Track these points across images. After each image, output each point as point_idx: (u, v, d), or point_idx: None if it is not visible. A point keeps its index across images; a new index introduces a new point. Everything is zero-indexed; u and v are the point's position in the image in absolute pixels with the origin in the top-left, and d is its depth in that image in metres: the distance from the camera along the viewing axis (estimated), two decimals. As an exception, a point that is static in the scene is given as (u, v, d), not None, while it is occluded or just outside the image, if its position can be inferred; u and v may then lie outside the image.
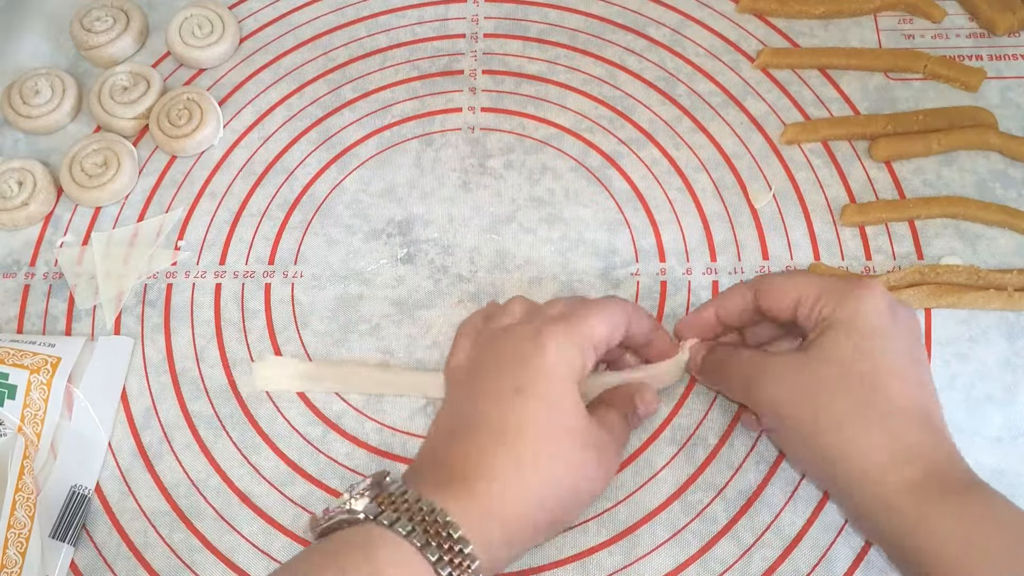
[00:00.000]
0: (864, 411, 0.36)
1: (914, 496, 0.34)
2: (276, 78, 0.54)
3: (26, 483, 0.42)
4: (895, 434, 0.36)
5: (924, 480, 0.35)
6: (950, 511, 0.34)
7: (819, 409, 0.37)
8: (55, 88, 0.53)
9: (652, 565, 0.41)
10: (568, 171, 0.51)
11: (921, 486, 0.35)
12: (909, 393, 0.36)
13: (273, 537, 0.43)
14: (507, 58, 0.54)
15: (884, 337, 0.37)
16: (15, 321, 0.48)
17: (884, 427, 0.36)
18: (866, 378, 0.36)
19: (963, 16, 0.54)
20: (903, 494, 0.35)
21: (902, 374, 0.37)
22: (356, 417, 0.45)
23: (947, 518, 0.34)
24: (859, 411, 0.36)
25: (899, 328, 0.37)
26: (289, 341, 0.47)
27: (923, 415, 0.36)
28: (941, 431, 0.37)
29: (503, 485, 0.35)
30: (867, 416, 0.36)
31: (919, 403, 0.37)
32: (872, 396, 0.36)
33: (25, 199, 0.50)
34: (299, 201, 0.51)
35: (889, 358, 0.37)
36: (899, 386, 0.36)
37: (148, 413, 0.46)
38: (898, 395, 0.36)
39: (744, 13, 0.55)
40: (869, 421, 0.36)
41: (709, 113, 0.52)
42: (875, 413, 0.36)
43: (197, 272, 0.49)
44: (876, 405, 0.36)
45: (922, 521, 0.34)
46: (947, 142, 0.49)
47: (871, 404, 0.36)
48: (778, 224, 0.49)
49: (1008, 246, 0.47)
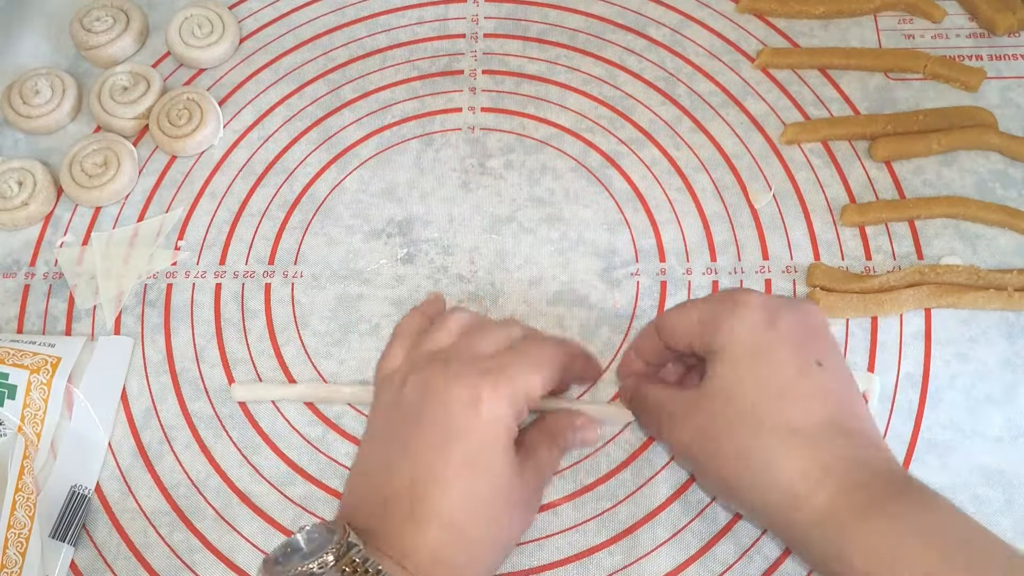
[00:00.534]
0: (761, 441, 0.34)
1: (832, 519, 0.33)
2: (276, 78, 0.54)
3: (26, 483, 0.42)
4: (800, 457, 0.34)
5: (841, 499, 0.33)
6: (874, 527, 0.32)
7: (719, 446, 0.35)
8: (55, 88, 0.53)
9: (652, 565, 0.41)
10: (568, 171, 0.51)
11: (838, 507, 0.33)
12: (805, 408, 0.34)
13: (273, 537, 0.43)
14: (507, 58, 0.54)
15: (765, 355, 0.35)
16: (15, 321, 0.48)
17: (787, 453, 0.34)
18: (756, 406, 0.34)
19: (963, 16, 0.54)
20: (820, 519, 0.33)
21: (792, 391, 0.35)
22: (356, 417, 0.45)
23: (871, 535, 0.32)
24: (756, 442, 0.34)
25: (781, 339, 0.35)
26: (289, 341, 0.47)
27: (828, 427, 0.34)
28: (857, 437, 0.35)
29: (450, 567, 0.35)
30: (766, 445, 0.34)
31: (820, 416, 0.34)
32: (765, 423, 0.34)
33: (25, 199, 0.50)
34: (299, 201, 0.51)
35: (775, 378, 0.35)
36: (791, 405, 0.34)
37: (148, 413, 0.46)
38: (793, 415, 0.34)
39: (744, 13, 0.55)
40: (769, 450, 0.34)
41: (709, 113, 0.52)
42: (773, 440, 0.34)
43: (197, 272, 0.49)
44: (773, 431, 0.34)
45: (845, 544, 0.32)
46: (947, 142, 0.49)
47: (766, 432, 0.34)
48: (778, 224, 0.49)
49: (1008, 246, 0.47)
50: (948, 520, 0.33)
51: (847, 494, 0.33)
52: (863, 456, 0.34)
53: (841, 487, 0.33)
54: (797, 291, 0.47)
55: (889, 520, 0.32)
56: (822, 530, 0.33)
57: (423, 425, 0.36)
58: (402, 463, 0.36)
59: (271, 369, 0.46)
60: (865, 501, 0.33)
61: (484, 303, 0.47)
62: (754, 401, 0.35)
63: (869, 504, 0.32)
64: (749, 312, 0.36)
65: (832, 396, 0.35)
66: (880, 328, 0.45)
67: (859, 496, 0.33)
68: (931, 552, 0.31)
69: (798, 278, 0.47)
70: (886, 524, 0.32)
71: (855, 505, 0.33)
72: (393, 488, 0.36)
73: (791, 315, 0.36)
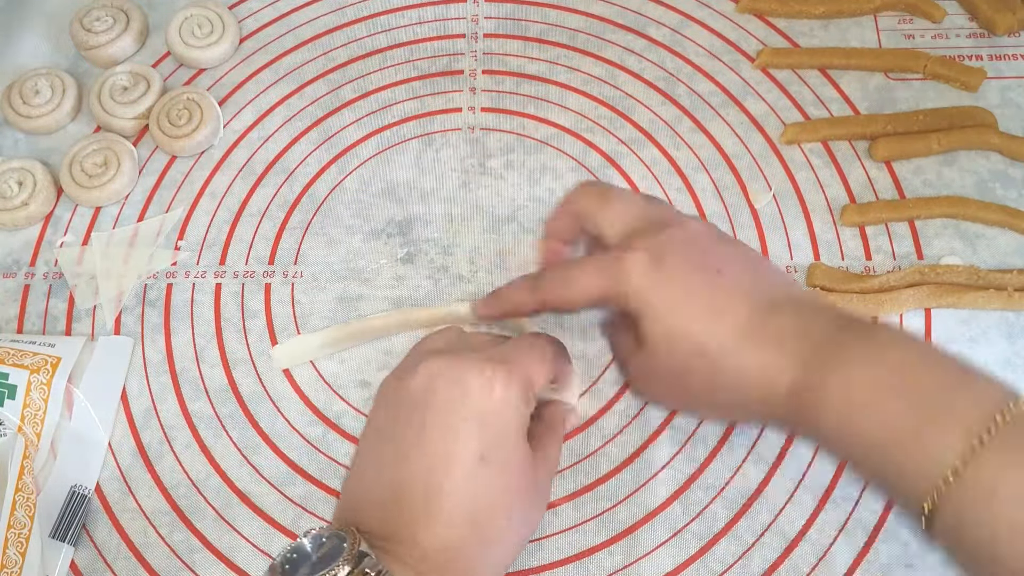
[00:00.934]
0: (717, 366, 0.35)
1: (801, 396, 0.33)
2: (276, 78, 0.54)
3: (26, 483, 0.42)
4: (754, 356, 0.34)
5: (800, 375, 0.33)
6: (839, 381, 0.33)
7: (684, 388, 0.37)
8: (55, 88, 0.53)
9: (652, 565, 0.41)
10: (568, 171, 0.51)
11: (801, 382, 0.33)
12: (732, 315, 0.35)
13: (273, 537, 0.43)
14: (507, 58, 0.54)
15: (668, 297, 0.36)
16: (15, 321, 0.48)
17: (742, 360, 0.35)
18: (692, 343, 0.35)
19: (963, 16, 0.54)
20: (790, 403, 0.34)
21: (712, 309, 0.35)
22: (356, 417, 0.45)
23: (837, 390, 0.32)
24: (714, 370, 0.35)
25: (673, 273, 0.36)
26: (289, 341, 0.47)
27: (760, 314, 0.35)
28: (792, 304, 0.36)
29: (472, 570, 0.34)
30: (722, 368, 0.35)
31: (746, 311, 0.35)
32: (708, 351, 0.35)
33: (25, 199, 0.50)
34: (299, 201, 0.51)
35: (690, 310, 0.36)
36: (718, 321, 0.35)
37: (148, 413, 0.46)
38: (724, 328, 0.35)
39: (744, 13, 0.55)
40: (727, 369, 0.35)
41: (709, 113, 0.52)
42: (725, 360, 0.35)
43: (197, 272, 0.49)
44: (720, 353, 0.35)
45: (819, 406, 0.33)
46: (947, 142, 0.49)
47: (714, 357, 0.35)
48: (778, 224, 0.49)
49: (1008, 246, 0.47)
50: (898, 344, 0.33)
51: (804, 364, 0.34)
52: (801, 321, 0.35)
53: (797, 361, 0.34)
54: (797, 291, 0.47)
55: (853, 369, 0.33)
56: (797, 406, 0.34)
57: (435, 413, 0.35)
58: (416, 454, 0.35)
59: (271, 369, 0.46)
60: (820, 359, 0.33)
61: (484, 303, 0.47)
62: (690, 339, 0.36)
63: (825, 358, 0.33)
64: (637, 267, 0.36)
65: (747, 288, 0.36)
66: (880, 328, 0.45)
67: (815, 358, 0.34)
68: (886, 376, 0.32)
69: (798, 278, 0.47)
70: (849, 374, 0.33)
71: (815, 368, 0.33)
72: (405, 482, 0.35)
73: (672, 245, 0.37)
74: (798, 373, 0.34)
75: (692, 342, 0.36)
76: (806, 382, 0.33)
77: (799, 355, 0.34)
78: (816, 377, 0.33)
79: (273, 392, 0.46)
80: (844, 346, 0.33)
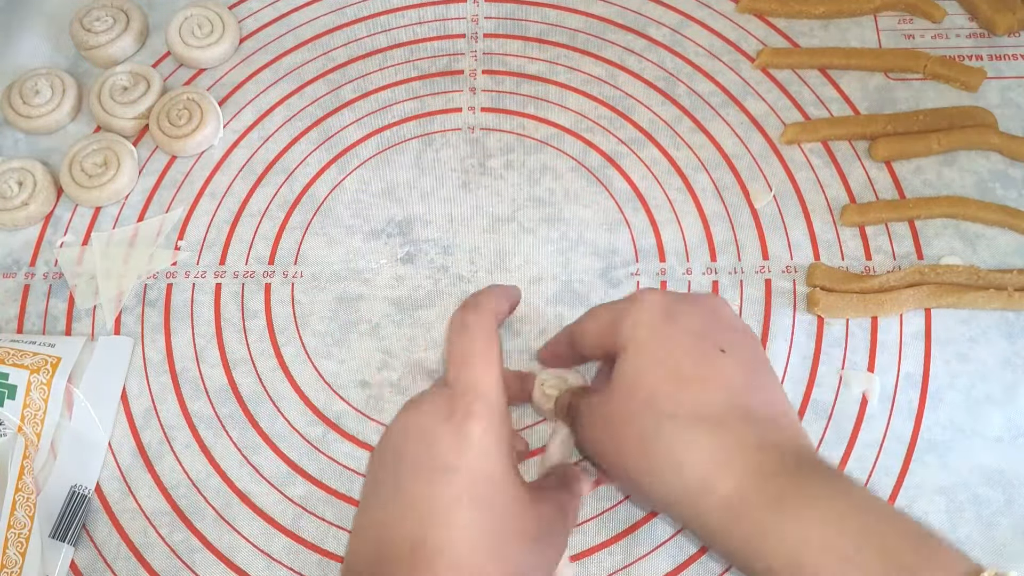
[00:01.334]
0: (663, 429, 0.33)
1: (742, 504, 0.32)
2: (276, 78, 0.54)
3: (26, 483, 0.42)
4: (702, 444, 0.33)
5: (749, 484, 0.32)
6: (786, 514, 0.31)
7: (623, 437, 0.35)
8: (55, 88, 0.53)
9: (652, 565, 0.41)
10: (568, 171, 0.51)
11: (747, 492, 0.32)
12: (706, 394, 0.34)
13: (273, 537, 0.43)
14: (507, 58, 0.54)
15: (664, 346, 0.35)
16: (15, 321, 0.48)
17: (689, 440, 0.33)
18: (656, 395, 0.34)
19: (963, 16, 0.54)
20: (728, 505, 0.32)
21: (692, 378, 0.34)
22: (356, 417, 0.45)
23: (783, 523, 0.31)
24: (658, 430, 0.33)
25: (681, 330, 0.35)
26: (289, 341, 0.47)
27: (732, 412, 0.33)
28: (765, 423, 0.34)
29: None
30: (668, 433, 0.33)
31: (722, 402, 0.33)
32: (665, 410, 0.33)
33: (25, 199, 0.50)
34: (299, 201, 0.51)
35: (675, 366, 0.34)
36: (691, 392, 0.34)
37: (148, 413, 0.46)
38: (693, 402, 0.33)
39: (744, 13, 0.55)
40: (671, 437, 0.33)
41: (709, 113, 0.52)
42: (675, 428, 0.33)
43: (197, 272, 0.49)
44: (674, 419, 0.33)
45: (756, 532, 0.31)
46: (947, 142, 0.49)
47: (667, 420, 0.33)
48: (778, 224, 0.49)
49: (1008, 246, 0.47)
50: (861, 504, 0.31)
51: (755, 479, 0.32)
52: (771, 441, 0.33)
53: (748, 472, 0.32)
54: (797, 291, 0.47)
55: (800, 506, 0.31)
56: (732, 518, 0.32)
57: (408, 468, 0.34)
58: (395, 506, 0.34)
59: (271, 369, 0.46)
60: (774, 487, 0.32)
61: (484, 303, 0.47)
62: (654, 390, 0.34)
63: (778, 490, 0.32)
64: (649, 307, 0.36)
65: (736, 381, 0.34)
66: (880, 328, 0.45)
67: (768, 482, 0.32)
68: (845, 539, 0.30)
69: (798, 278, 0.47)
70: (797, 510, 0.31)
71: (764, 491, 0.32)
72: (391, 539, 0.34)
73: (691, 307, 0.36)
74: (734, 493, 0.32)
75: (654, 395, 0.34)
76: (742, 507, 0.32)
77: (745, 475, 0.32)
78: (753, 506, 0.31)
79: (273, 392, 0.46)
80: (795, 487, 0.32)
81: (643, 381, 0.35)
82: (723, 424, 0.33)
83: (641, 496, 0.40)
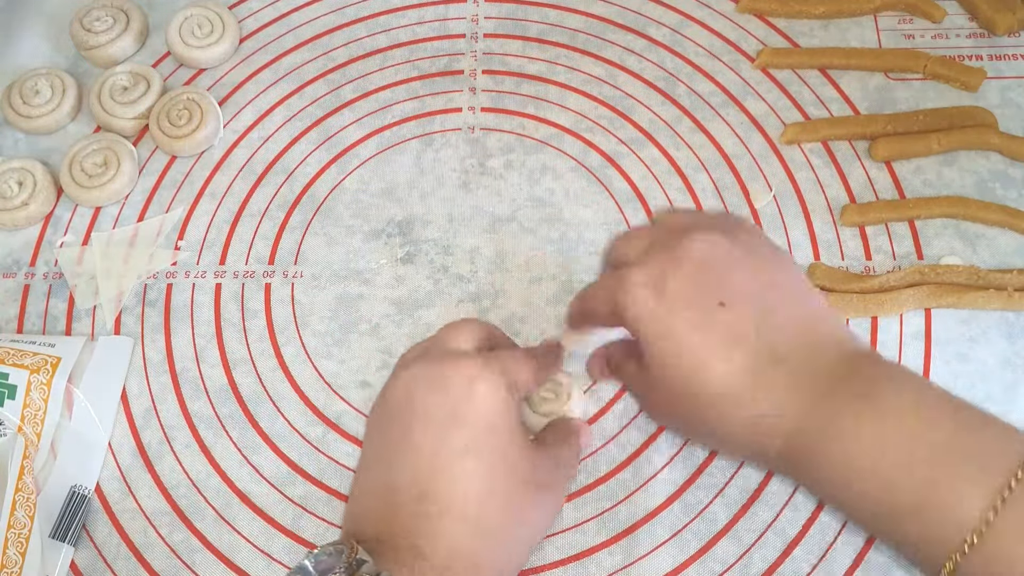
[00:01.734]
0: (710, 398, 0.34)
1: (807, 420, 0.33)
2: (276, 78, 0.54)
3: (26, 483, 0.42)
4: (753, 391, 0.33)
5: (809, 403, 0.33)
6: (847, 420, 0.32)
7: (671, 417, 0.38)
8: (55, 88, 0.53)
9: (652, 565, 0.41)
10: (568, 171, 0.51)
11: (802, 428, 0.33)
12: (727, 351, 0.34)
13: (273, 537, 0.43)
14: (507, 58, 0.54)
15: (665, 331, 0.35)
16: (15, 321, 0.48)
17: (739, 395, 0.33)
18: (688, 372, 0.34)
19: (963, 16, 0.54)
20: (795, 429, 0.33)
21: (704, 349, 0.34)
22: (356, 417, 0.45)
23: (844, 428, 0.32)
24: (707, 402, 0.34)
25: (673, 302, 0.35)
26: (289, 341, 0.47)
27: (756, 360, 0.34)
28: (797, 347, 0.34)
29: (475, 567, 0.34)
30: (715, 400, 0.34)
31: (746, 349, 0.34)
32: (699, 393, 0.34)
33: (25, 199, 0.50)
34: (299, 201, 0.51)
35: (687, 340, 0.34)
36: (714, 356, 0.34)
37: (148, 413, 0.46)
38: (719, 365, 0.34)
39: (744, 13, 0.55)
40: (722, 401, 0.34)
41: (709, 113, 0.52)
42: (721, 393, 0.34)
43: (197, 272, 0.49)
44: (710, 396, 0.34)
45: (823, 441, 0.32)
46: (947, 142, 0.49)
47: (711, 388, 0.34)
48: (778, 224, 0.49)
49: (1008, 246, 0.47)
50: (918, 397, 0.32)
51: (805, 418, 0.33)
52: (811, 370, 0.34)
53: (796, 414, 0.33)
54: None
55: (860, 426, 0.32)
56: (796, 459, 0.33)
57: (419, 414, 0.35)
58: (402, 457, 0.35)
59: (271, 369, 0.46)
60: (825, 420, 0.32)
61: (484, 303, 0.47)
62: (678, 368, 0.35)
63: (828, 423, 0.32)
64: (636, 289, 0.35)
65: (746, 327, 0.34)
66: (880, 328, 0.45)
67: (817, 415, 0.33)
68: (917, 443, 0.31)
69: (798, 278, 0.47)
70: (857, 413, 0.32)
71: (817, 427, 0.32)
72: (397, 485, 0.35)
73: (676, 270, 0.35)
74: (793, 432, 0.33)
75: (682, 374, 0.35)
76: (803, 441, 0.33)
77: (796, 413, 0.33)
78: (814, 438, 0.32)
79: (273, 392, 0.46)
80: (846, 401, 0.32)
81: (668, 365, 0.35)
82: (752, 381, 0.33)
83: (709, 447, 0.43)
